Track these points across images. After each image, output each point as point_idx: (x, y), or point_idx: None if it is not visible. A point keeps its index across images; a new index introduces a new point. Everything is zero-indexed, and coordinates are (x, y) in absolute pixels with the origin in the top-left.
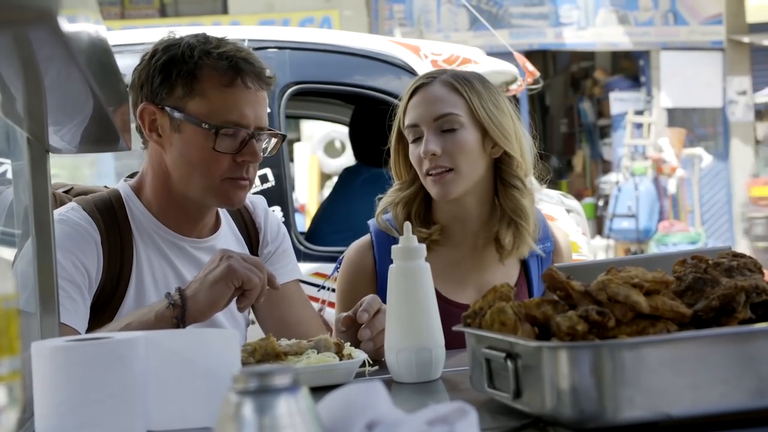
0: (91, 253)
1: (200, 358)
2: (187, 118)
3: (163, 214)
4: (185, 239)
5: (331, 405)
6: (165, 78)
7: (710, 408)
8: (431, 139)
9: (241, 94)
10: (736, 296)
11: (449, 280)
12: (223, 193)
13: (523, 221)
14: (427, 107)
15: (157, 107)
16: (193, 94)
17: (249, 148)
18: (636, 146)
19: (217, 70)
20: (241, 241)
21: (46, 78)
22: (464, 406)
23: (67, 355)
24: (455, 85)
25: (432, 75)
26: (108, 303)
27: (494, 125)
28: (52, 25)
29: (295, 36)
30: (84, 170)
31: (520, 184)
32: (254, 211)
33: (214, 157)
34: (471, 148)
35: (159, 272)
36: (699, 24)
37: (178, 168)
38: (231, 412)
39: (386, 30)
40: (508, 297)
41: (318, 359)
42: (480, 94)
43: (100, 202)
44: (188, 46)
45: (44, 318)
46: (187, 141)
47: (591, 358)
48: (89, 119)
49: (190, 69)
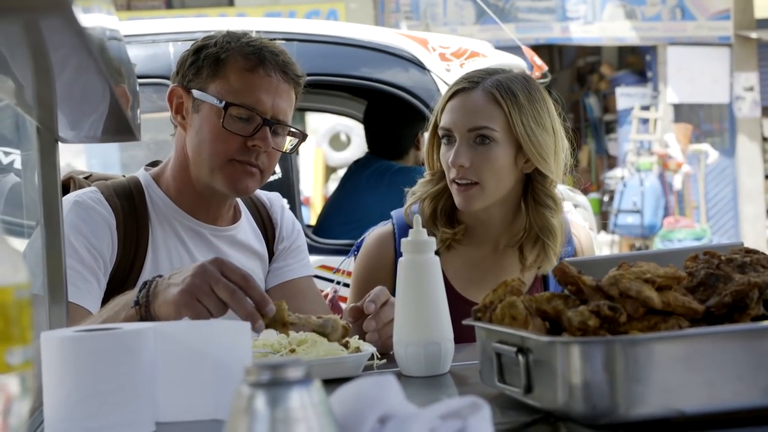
0: (105, 236)
1: (209, 350)
2: (205, 96)
3: (181, 198)
4: (204, 226)
5: (343, 398)
6: (194, 61)
7: (723, 405)
8: (462, 150)
9: (261, 81)
10: (749, 292)
11: (467, 279)
12: (228, 176)
13: (551, 241)
14: (463, 115)
15: (184, 89)
16: (216, 77)
17: (261, 134)
18: (642, 142)
19: (242, 55)
20: (259, 235)
21: (56, 67)
22: (477, 401)
23: (76, 346)
24: (496, 97)
25: (476, 79)
26: (121, 287)
27: (531, 143)
28: (66, 13)
29: (303, 28)
30: (82, 160)
31: (552, 203)
32: (271, 207)
33: (223, 135)
34: (501, 164)
35: (176, 257)
36: (706, 19)
37: (193, 148)
38: (243, 405)
39: (392, 23)
40: (519, 291)
41: (326, 351)
42: (521, 108)
43: (119, 188)
44: (223, 36)
45: (53, 307)
46: (203, 119)
47: (603, 353)
48: (101, 109)
49: (216, 52)
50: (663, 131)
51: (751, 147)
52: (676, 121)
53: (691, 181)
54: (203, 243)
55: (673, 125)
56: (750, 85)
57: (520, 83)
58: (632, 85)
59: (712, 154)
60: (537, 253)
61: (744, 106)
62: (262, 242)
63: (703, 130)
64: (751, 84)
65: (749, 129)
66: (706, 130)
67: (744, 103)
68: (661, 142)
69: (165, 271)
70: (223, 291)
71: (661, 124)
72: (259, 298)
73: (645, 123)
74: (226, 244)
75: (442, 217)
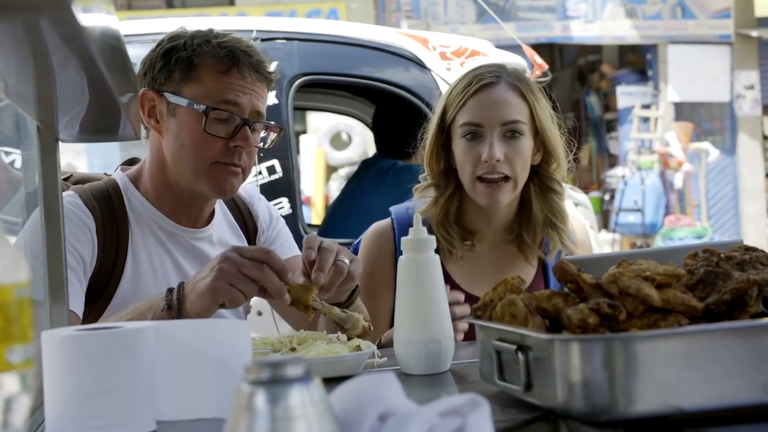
0: (86, 240)
1: (210, 349)
2: (181, 101)
3: (160, 201)
4: (183, 229)
5: (343, 396)
6: (165, 64)
7: (722, 402)
8: (496, 144)
9: (236, 82)
10: (749, 290)
11: (470, 274)
12: (213, 178)
13: (562, 223)
14: (495, 110)
15: (156, 93)
16: (189, 80)
17: (242, 134)
18: (642, 140)
19: (214, 58)
20: (238, 230)
21: (57, 66)
22: (477, 398)
23: (77, 345)
24: (522, 90)
25: (495, 73)
26: (102, 291)
27: (548, 134)
28: (66, 12)
29: (304, 27)
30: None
31: (558, 187)
32: (250, 201)
33: (205, 139)
34: (527, 156)
35: (157, 260)
36: (707, 18)
37: (172, 152)
38: (243, 403)
39: (393, 22)
40: (519, 289)
41: (327, 350)
42: (539, 102)
43: (97, 191)
44: (191, 36)
45: (53, 306)
46: (181, 124)
47: (603, 351)
48: (100, 108)
49: (188, 56)
50: (664, 130)
51: (752, 145)
52: (676, 120)
53: (692, 179)
54: (183, 246)
55: (673, 124)
56: (751, 84)
57: (530, 79)
58: (633, 84)
59: (712, 152)
60: (550, 237)
61: (745, 104)
62: (241, 237)
63: (704, 129)
64: (752, 82)
65: (750, 127)
66: (706, 128)
67: (745, 102)
68: (661, 140)
69: (146, 274)
70: (251, 270)
71: (662, 122)
72: (279, 268)
73: (646, 122)
74: (206, 244)
75: (452, 221)
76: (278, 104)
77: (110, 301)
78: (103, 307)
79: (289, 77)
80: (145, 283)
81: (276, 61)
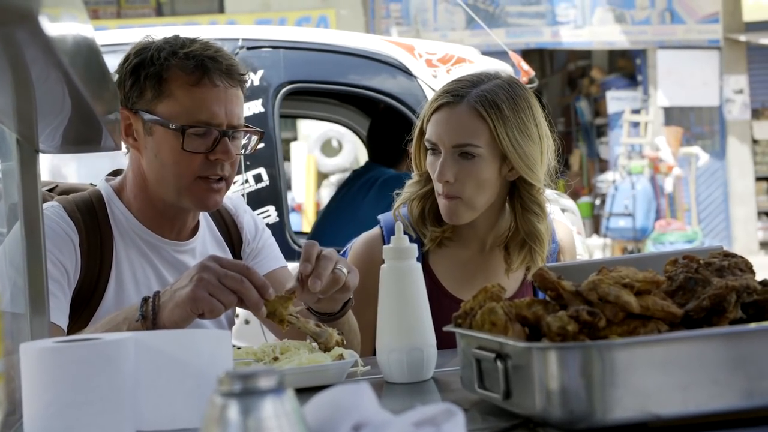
0: (69, 252)
1: (191, 359)
2: (156, 120)
3: (143, 215)
4: (166, 242)
5: (317, 407)
6: (135, 81)
7: (700, 408)
8: (447, 164)
9: (209, 93)
10: (727, 296)
11: (457, 278)
12: (196, 194)
13: (538, 246)
14: (448, 131)
15: (130, 111)
16: (161, 97)
17: (221, 146)
18: (633, 145)
19: (184, 70)
20: (222, 243)
21: (34, 79)
22: (451, 408)
23: (55, 357)
24: (481, 112)
25: (459, 92)
26: (86, 303)
27: (517, 155)
28: (32, 25)
29: (290, 35)
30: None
31: (538, 210)
32: (235, 212)
33: (185, 157)
34: (485, 177)
35: (140, 273)
36: (696, 23)
37: (152, 170)
38: (216, 414)
39: (383, 29)
40: (499, 297)
41: (309, 359)
42: (506, 120)
43: (81, 203)
44: (157, 49)
45: (34, 319)
46: (159, 143)
47: (580, 358)
48: (76, 119)
49: (157, 71)
50: (654, 134)
51: (742, 149)
52: (666, 125)
53: (682, 183)
54: (166, 259)
55: (663, 128)
56: (740, 88)
57: (505, 93)
58: (623, 89)
59: (702, 156)
60: (523, 256)
61: (734, 108)
62: (225, 249)
63: (694, 133)
64: (741, 87)
65: (739, 131)
66: (696, 132)
67: (734, 106)
68: (652, 145)
69: (129, 287)
70: (231, 281)
71: (652, 127)
72: (260, 284)
73: (636, 126)
74: (189, 257)
75: (430, 216)
76: (264, 112)
77: (94, 313)
78: (88, 320)
79: (276, 85)
80: (128, 295)
81: (262, 70)
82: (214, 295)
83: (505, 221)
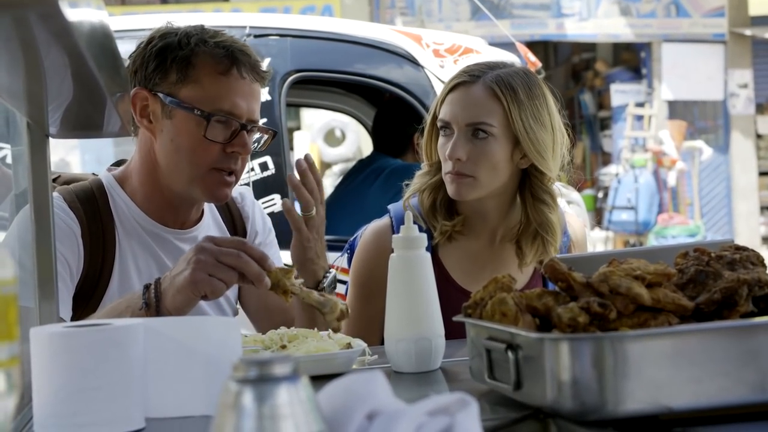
0: (71, 244)
1: (199, 346)
2: (179, 103)
3: (148, 203)
4: (168, 230)
5: (331, 395)
6: (160, 63)
7: (711, 401)
8: (459, 143)
9: (236, 84)
10: (739, 289)
11: (467, 271)
12: (209, 184)
13: (550, 236)
14: (463, 109)
15: (150, 93)
16: (187, 81)
17: (240, 139)
18: (636, 138)
19: (213, 58)
20: (225, 232)
21: (46, 63)
22: (465, 397)
23: (65, 342)
24: (496, 92)
25: (477, 73)
26: (90, 294)
27: (529, 140)
28: (52, 8)
29: (297, 24)
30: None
31: (549, 200)
32: (242, 203)
33: (203, 144)
34: (497, 159)
35: (143, 263)
36: (701, 16)
37: (166, 155)
38: (230, 401)
39: (387, 19)
40: (509, 288)
41: (317, 348)
42: (521, 104)
43: (81, 193)
44: (185, 34)
45: (43, 305)
46: (178, 127)
47: (592, 350)
48: (90, 105)
49: (185, 55)
50: (657, 128)
51: (745, 144)
52: (670, 118)
53: (685, 177)
54: (169, 247)
55: (667, 122)
56: (744, 82)
57: (521, 79)
58: (627, 82)
59: (706, 151)
60: (536, 249)
61: (738, 103)
62: (227, 236)
63: (698, 127)
64: (745, 81)
65: (743, 126)
66: (700, 127)
67: (738, 100)
68: (655, 138)
69: (133, 277)
70: (228, 258)
71: (656, 120)
72: (258, 256)
73: (639, 120)
74: (191, 245)
75: (442, 208)
76: (271, 101)
77: (98, 305)
78: (92, 311)
79: (282, 74)
80: (132, 285)
81: (269, 58)
82: (213, 275)
83: (516, 214)
